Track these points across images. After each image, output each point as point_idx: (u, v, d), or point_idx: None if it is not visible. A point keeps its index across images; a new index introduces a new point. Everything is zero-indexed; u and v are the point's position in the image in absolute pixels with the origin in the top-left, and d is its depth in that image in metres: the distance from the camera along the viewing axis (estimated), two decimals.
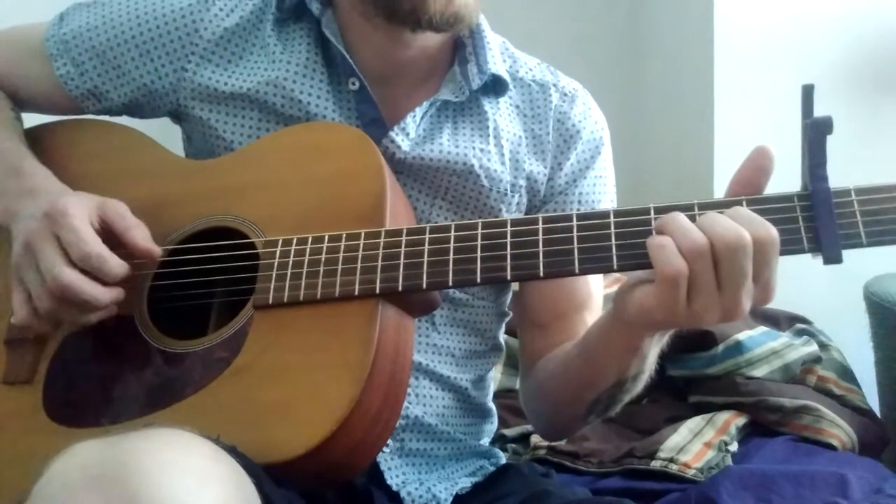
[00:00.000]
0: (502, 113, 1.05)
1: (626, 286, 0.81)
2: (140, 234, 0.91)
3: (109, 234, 0.89)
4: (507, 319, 1.13)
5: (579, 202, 1.07)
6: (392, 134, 0.99)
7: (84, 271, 0.86)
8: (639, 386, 0.94)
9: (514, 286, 1.11)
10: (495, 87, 1.05)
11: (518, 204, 1.05)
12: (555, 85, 1.09)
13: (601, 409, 0.97)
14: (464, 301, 1.05)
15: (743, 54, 2.00)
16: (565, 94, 1.09)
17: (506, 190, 1.03)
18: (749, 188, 0.79)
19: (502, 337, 1.13)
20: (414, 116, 1.00)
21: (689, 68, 2.14)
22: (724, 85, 2.00)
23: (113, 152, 1.05)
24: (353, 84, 1.01)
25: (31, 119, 1.10)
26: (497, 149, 1.03)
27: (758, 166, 0.79)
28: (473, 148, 1.02)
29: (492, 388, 1.15)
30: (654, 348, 0.88)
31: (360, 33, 1.01)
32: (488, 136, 1.03)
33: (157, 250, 0.91)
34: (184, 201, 0.97)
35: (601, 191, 1.09)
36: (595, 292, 1.08)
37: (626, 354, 0.87)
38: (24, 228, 0.90)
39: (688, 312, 0.75)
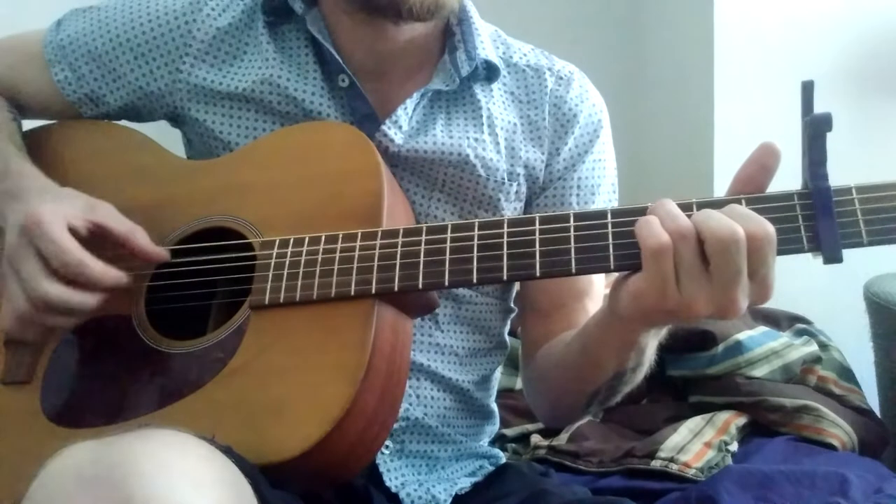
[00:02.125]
0: (496, 100, 1.05)
1: (618, 280, 0.81)
2: (143, 239, 0.91)
3: (99, 237, 0.89)
4: (512, 316, 1.13)
5: (579, 187, 1.06)
6: (384, 128, 0.99)
7: (68, 279, 0.86)
8: (638, 377, 0.93)
9: None
10: (487, 73, 1.04)
11: (517, 192, 1.05)
12: (550, 69, 1.08)
13: (601, 400, 0.97)
14: (468, 298, 1.04)
15: (743, 54, 1.99)
16: (561, 78, 1.08)
17: (503, 178, 1.03)
18: (751, 186, 0.78)
19: (507, 334, 1.13)
20: (405, 108, 1.00)
21: (689, 66, 2.14)
22: (724, 84, 2.00)
23: (112, 153, 1.05)
24: (343, 81, 1.00)
25: (33, 120, 1.10)
26: (492, 137, 1.03)
27: (762, 164, 0.78)
28: (467, 138, 1.01)
29: (496, 388, 1.14)
30: (651, 342, 0.88)
31: (346, 29, 1.01)
32: (482, 124, 1.03)
33: (164, 253, 0.92)
34: (182, 202, 0.97)
35: (600, 174, 1.08)
36: (596, 281, 1.08)
37: (623, 349, 0.87)
38: (8, 240, 0.89)
39: (678, 298, 0.74)
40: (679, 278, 0.74)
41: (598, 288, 1.08)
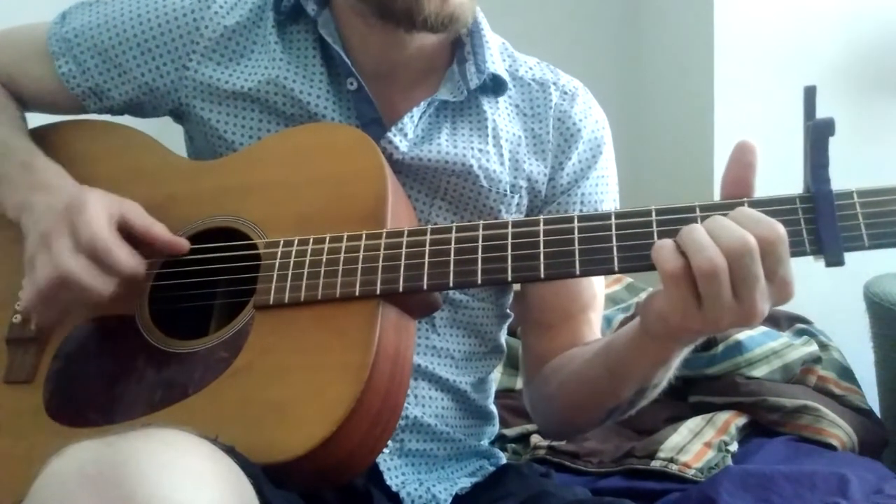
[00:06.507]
0: (501, 113, 1.05)
1: (645, 300, 0.80)
2: (163, 230, 0.92)
3: (128, 235, 0.90)
4: (508, 321, 1.13)
5: (582, 203, 1.07)
6: (390, 135, 0.99)
7: (92, 262, 0.87)
8: (658, 391, 0.94)
9: (516, 287, 1.11)
10: (494, 86, 1.04)
11: (518, 205, 1.05)
12: (555, 83, 1.08)
13: (619, 414, 0.98)
14: (464, 303, 1.05)
15: (743, 54, 1.99)
16: (565, 93, 1.08)
17: (505, 190, 1.03)
18: (740, 186, 0.79)
19: (503, 339, 1.13)
20: (412, 117, 1.00)
21: (689, 67, 2.14)
22: (724, 85, 2.00)
23: (115, 153, 1.05)
24: (352, 84, 1.01)
25: (35, 120, 1.10)
26: (496, 149, 1.03)
27: (744, 163, 0.78)
28: (472, 148, 1.02)
29: (493, 390, 1.14)
30: (678, 358, 0.88)
31: (358, 33, 1.01)
32: (487, 136, 1.03)
33: (185, 242, 0.92)
34: (186, 202, 0.97)
35: (603, 191, 1.08)
36: (599, 292, 1.08)
37: (653, 367, 0.87)
38: (41, 221, 0.90)
39: (700, 316, 0.74)
40: (701, 302, 0.74)
41: (600, 301, 1.09)
